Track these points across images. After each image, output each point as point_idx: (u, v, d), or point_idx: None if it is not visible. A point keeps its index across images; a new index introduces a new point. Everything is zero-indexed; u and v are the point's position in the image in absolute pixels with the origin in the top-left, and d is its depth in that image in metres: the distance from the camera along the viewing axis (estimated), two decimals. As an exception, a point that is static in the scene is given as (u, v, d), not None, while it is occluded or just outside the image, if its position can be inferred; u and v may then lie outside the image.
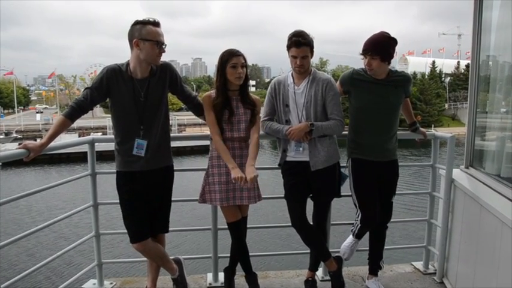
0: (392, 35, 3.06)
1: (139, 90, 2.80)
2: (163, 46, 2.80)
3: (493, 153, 3.29)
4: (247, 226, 3.21)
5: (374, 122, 3.14)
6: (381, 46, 3.02)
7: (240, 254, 3.16)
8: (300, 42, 2.97)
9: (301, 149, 3.12)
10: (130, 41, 2.77)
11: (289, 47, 3.02)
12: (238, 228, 3.09)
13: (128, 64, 2.83)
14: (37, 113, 64.50)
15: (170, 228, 3.13)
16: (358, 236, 3.31)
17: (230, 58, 2.92)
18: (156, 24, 2.77)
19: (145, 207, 2.93)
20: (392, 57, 3.10)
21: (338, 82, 3.25)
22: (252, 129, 3.07)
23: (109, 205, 3.53)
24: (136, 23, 2.76)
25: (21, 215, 16.78)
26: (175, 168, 3.09)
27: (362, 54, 3.07)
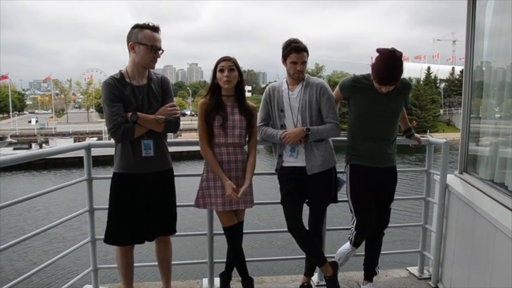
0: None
1: (138, 95, 2.84)
2: (159, 52, 2.83)
3: (487, 158, 3.31)
4: (243, 231, 3.22)
5: (374, 128, 3.15)
6: (399, 74, 2.98)
7: (236, 259, 3.16)
8: (300, 48, 3.02)
9: (295, 153, 3.14)
10: (127, 44, 2.81)
11: (288, 54, 3.05)
12: (234, 233, 3.09)
13: (123, 72, 2.87)
14: (29, 122, 64.41)
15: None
16: (356, 244, 3.32)
17: (219, 62, 2.96)
18: (154, 29, 2.81)
19: (141, 212, 2.93)
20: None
21: (338, 88, 3.26)
22: (250, 146, 3.11)
23: (105, 210, 3.53)
24: (135, 26, 2.80)
25: (16, 221, 16.70)
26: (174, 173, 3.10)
27: (376, 82, 2.99)
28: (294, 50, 3.02)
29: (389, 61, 2.93)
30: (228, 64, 2.93)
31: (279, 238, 12.55)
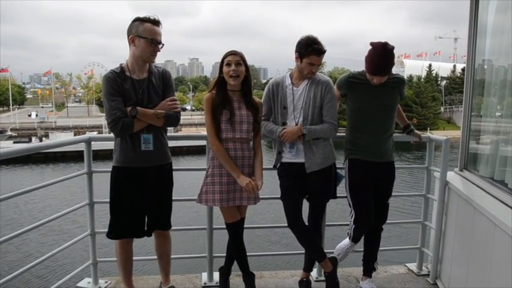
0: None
1: (138, 89, 2.83)
2: (160, 45, 2.83)
3: (487, 156, 3.32)
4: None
5: (371, 123, 3.17)
6: (388, 68, 3.06)
7: (237, 254, 3.15)
8: (321, 51, 3.00)
9: (293, 151, 3.13)
10: (128, 37, 2.80)
11: (308, 54, 2.99)
12: (237, 229, 3.07)
13: (123, 65, 2.86)
14: (29, 115, 64.41)
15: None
16: (355, 239, 3.34)
17: (226, 57, 2.91)
18: (155, 22, 2.80)
19: (139, 205, 2.94)
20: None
21: (335, 86, 3.27)
22: (255, 144, 3.06)
23: (105, 204, 3.54)
24: (136, 19, 2.79)
25: (16, 214, 16.73)
26: (173, 167, 3.10)
27: (369, 73, 3.07)
28: (315, 52, 2.98)
29: (381, 53, 3.02)
30: (235, 59, 2.87)
31: (278, 233, 12.57)
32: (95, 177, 3.36)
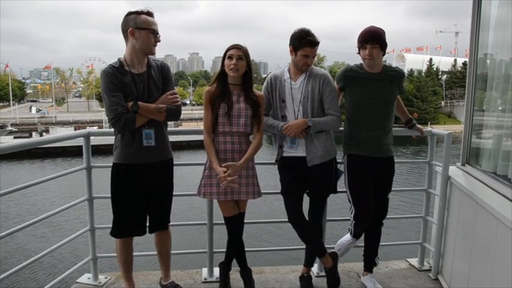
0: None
1: (138, 83, 2.80)
2: (158, 36, 2.81)
3: (490, 150, 3.29)
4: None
5: (369, 117, 3.14)
6: (378, 35, 3.04)
7: (235, 250, 3.15)
8: (314, 42, 2.99)
9: (295, 145, 3.11)
10: (125, 31, 2.75)
11: (302, 46, 2.98)
12: (234, 223, 3.07)
13: (121, 60, 2.82)
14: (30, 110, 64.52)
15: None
16: (356, 235, 3.32)
17: (229, 50, 2.89)
18: (149, 14, 2.78)
19: (141, 202, 2.92)
20: (386, 46, 3.11)
21: (335, 80, 3.25)
22: (254, 132, 3.01)
23: (104, 199, 3.52)
24: (130, 13, 2.76)
25: (15, 209, 16.74)
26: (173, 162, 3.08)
27: (361, 45, 3.05)
28: (308, 44, 2.97)
29: (368, 26, 3.10)
30: (237, 53, 2.86)
31: (279, 228, 12.58)
32: (95, 172, 3.33)
